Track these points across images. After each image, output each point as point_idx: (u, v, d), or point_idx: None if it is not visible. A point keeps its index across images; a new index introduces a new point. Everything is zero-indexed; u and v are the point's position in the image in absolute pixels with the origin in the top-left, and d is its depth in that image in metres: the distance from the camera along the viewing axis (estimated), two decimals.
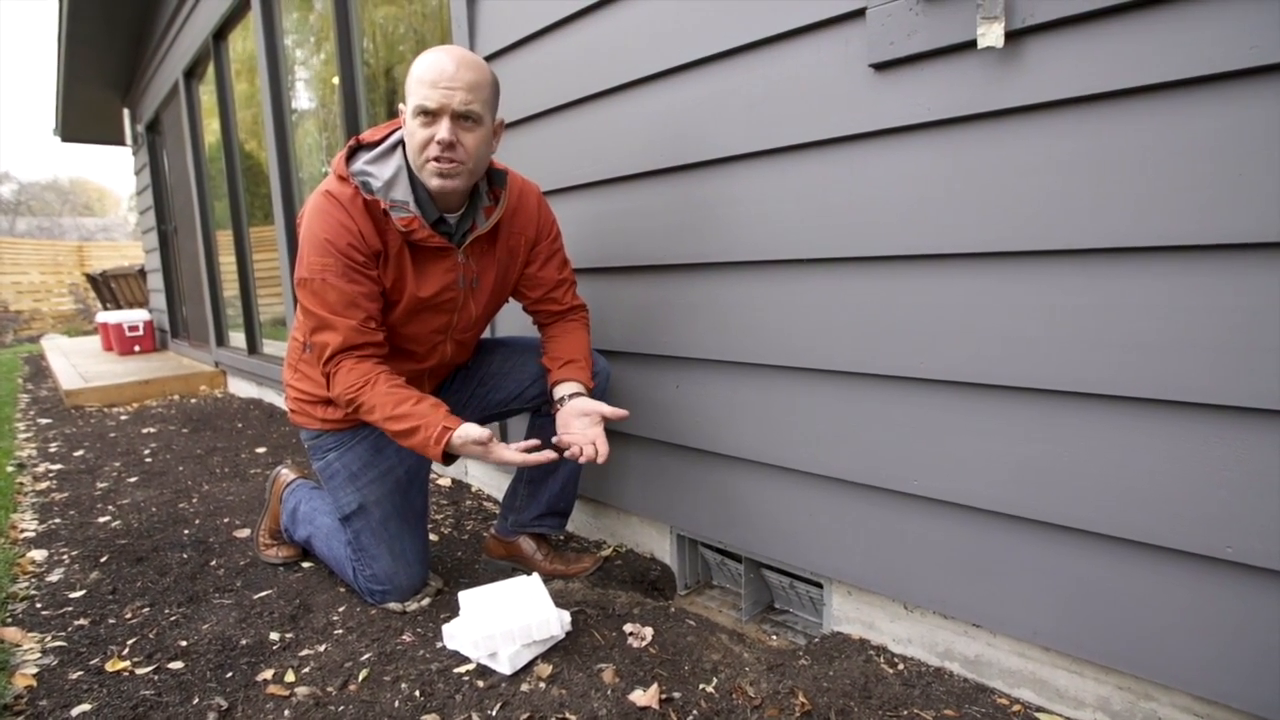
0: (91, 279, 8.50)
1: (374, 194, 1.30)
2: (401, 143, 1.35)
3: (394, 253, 1.34)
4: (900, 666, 1.28)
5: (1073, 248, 0.99)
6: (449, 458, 1.32)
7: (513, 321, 1.88)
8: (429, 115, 1.25)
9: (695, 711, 1.17)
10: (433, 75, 1.24)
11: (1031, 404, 1.07)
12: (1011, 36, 0.99)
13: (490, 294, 1.50)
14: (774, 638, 1.48)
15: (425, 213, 1.33)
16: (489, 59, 1.92)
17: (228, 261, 4.42)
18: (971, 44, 1.02)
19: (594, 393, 1.55)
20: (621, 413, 1.40)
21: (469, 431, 1.27)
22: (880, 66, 1.14)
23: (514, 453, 1.31)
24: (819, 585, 1.46)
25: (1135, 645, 1.02)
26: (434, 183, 1.29)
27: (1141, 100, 0.92)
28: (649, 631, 1.41)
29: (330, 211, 1.29)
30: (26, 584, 1.72)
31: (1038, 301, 1.04)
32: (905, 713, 1.14)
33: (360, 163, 1.33)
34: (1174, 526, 0.96)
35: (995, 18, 0.98)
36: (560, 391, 1.46)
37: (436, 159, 1.26)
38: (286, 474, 1.84)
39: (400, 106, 1.32)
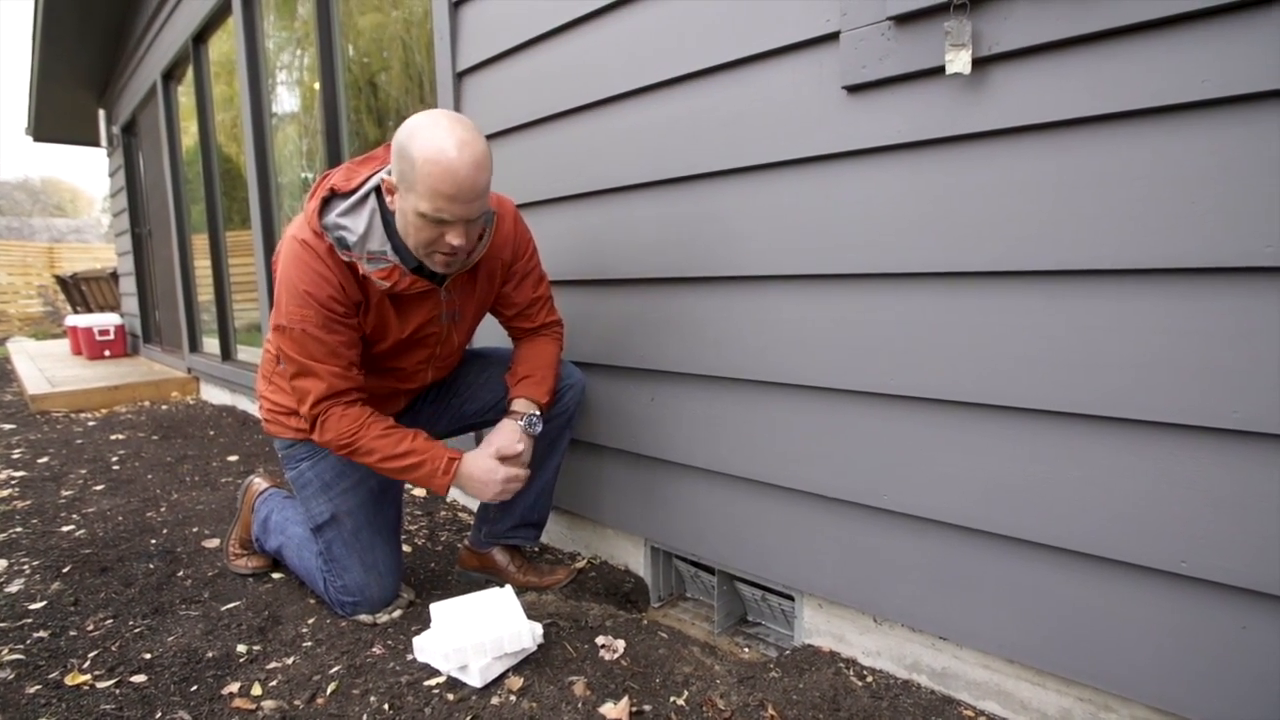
0: (62, 281, 8.33)
1: (349, 249, 1.27)
2: (376, 189, 1.30)
3: (375, 301, 1.34)
4: (869, 679, 1.30)
5: (1035, 269, 1.02)
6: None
7: (491, 331, 1.88)
8: (442, 224, 1.22)
9: None
10: (449, 188, 1.17)
11: (1001, 421, 1.09)
12: (978, 63, 1.02)
13: (471, 321, 1.52)
14: (746, 650, 1.49)
15: (404, 259, 1.31)
16: (469, 71, 1.93)
17: (203, 266, 4.36)
18: (940, 69, 1.05)
19: (568, 405, 1.58)
20: (517, 472, 1.42)
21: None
22: (853, 89, 1.16)
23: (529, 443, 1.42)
24: (791, 598, 1.47)
25: (1096, 658, 1.04)
26: (439, 270, 1.31)
27: (1100, 128, 0.95)
28: (621, 644, 1.41)
29: (308, 262, 1.27)
30: None
31: (1003, 321, 1.07)
32: None
33: (333, 215, 1.28)
34: (1135, 542, 0.98)
35: (963, 45, 1.01)
36: (512, 409, 1.49)
37: (446, 253, 1.26)
38: (259, 483, 1.82)
39: (387, 178, 1.26)
